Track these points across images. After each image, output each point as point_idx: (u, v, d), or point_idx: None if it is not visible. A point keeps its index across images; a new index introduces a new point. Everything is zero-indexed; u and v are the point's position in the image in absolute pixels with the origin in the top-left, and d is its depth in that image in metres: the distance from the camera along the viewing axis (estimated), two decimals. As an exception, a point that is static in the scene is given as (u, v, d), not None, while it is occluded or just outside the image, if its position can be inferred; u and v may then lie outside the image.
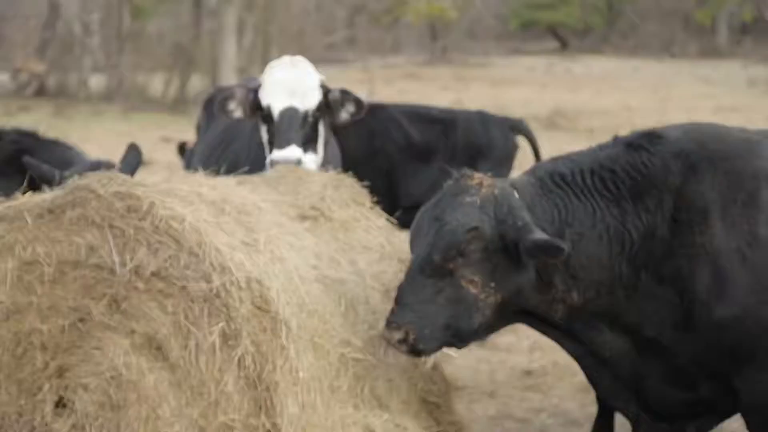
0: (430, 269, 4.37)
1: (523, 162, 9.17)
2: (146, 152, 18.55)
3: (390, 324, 4.38)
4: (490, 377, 7.20)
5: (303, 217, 5.14)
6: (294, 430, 4.17)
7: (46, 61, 28.68)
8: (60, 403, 4.41)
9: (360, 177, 5.96)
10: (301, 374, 4.26)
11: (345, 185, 5.46)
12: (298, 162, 5.73)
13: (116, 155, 6.20)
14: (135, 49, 29.33)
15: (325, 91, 6.15)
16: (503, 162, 8.81)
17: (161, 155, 17.70)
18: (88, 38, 28.33)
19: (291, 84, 6.04)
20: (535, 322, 4.72)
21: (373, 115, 8.79)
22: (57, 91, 28.15)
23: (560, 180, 4.56)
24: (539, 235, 4.29)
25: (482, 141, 8.75)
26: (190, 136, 19.40)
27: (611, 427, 5.88)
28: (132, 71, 28.29)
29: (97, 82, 28.49)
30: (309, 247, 4.91)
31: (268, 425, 4.18)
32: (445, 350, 4.65)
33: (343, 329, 4.68)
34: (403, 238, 5.13)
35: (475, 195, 4.41)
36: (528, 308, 4.53)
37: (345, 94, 6.23)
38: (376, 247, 5.24)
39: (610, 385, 4.76)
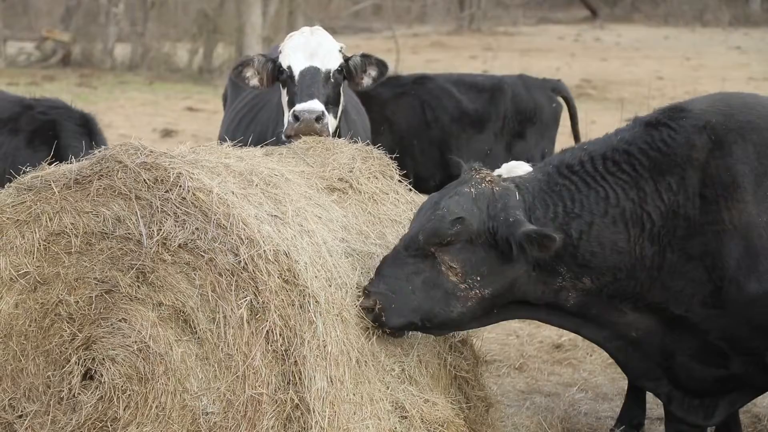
0: (413, 248, 4.43)
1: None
2: (171, 121, 18.58)
3: (364, 290, 4.46)
4: (519, 351, 7.15)
5: (331, 189, 5.08)
6: (322, 405, 4.13)
7: (72, 30, 28.70)
8: (87, 375, 4.41)
9: (414, 148, 5.96)
10: (329, 348, 4.22)
11: (373, 157, 5.39)
12: (322, 115, 5.62)
13: (141, 124, 6.18)
14: (160, 17, 29.34)
15: (346, 57, 6.08)
16: (550, 124, 8.92)
17: (186, 125, 17.71)
18: (114, 7, 28.31)
19: (311, 47, 5.98)
20: (546, 316, 4.66)
21: (422, 85, 8.79)
22: (82, 60, 28.22)
23: (568, 171, 4.52)
24: (529, 226, 4.28)
25: (529, 105, 8.83)
26: (214, 105, 19.46)
27: (643, 403, 5.83)
28: (157, 40, 28.30)
29: (122, 51, 28.53)
30: (337, 219, 4.86)
31: (296, 399, 4.14)
32: None
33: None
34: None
35: (474, 188, 4.45)
36: (531, 300, 4.51)
37: (366, 57, 6.16)
38: (404, 220, 5.18)
39: (640, 366, 4.70)
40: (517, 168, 4.71)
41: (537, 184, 4.51)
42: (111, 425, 4.30)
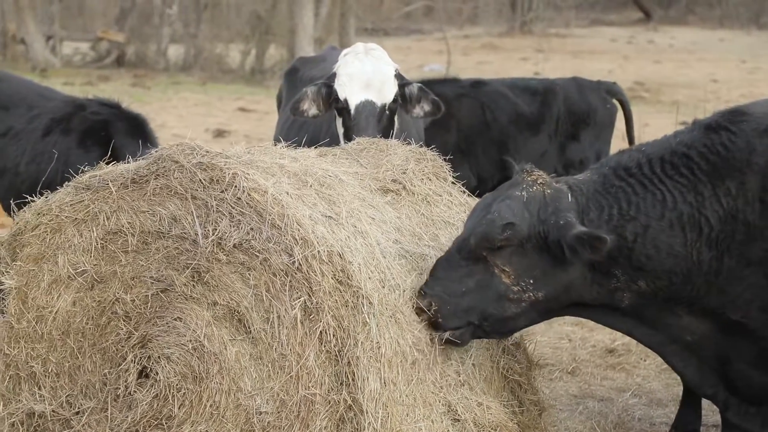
0: (465, 251, 4.42)
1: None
2: (224, 122, 18.71)
3: (419, 291, 4.46)
4: (571, 355, 7.09)
5: (385, 190, 5.08)
6: (375, 406, 4.13)
7: (126, 30, 29.03)
8: (143, 373, 4.44)
9: (477, 147, 5.99)
10: (383, 350, 4.21)
11: (427, 159, 5.38)
12: None
13: (194, 125, 6.22)
14: (213, 19, 29.58)
15: (402, 83, 6.07)
16: (605, 126, 8.92)
17: (238, 125, 17.82)
18: (168, 8, 28.59)
19: (367, 76, 5.98)
20: (599, 316, 4.63)
21: (480, 89, 8.85)
22: (136, 60, 28.54)
23: (624, 173, 4.48)
24: (580, 228, 4.25)
25: (582, 107, 8.84)
26: (266, 106, 19.56)
27: (698, 409, 5.75)
28: (210, 41, 28.54)
29: (175, 52, 28.80)
30: (390, 220, 4.85)
31: (349, 400, 4.14)
32: None
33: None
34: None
35: (525, 191, 4.43)
36: (586, 301, 4.47)
37: (423, 92, 6.16)
38: (457, 223, 5.17)
39: (695, 372, 4.64)
40: None
41: (592, 185, 4.48)
42: (166, 423, 4.33)
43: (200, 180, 4.36)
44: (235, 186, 4.31)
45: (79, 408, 4.50)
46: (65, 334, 4.53)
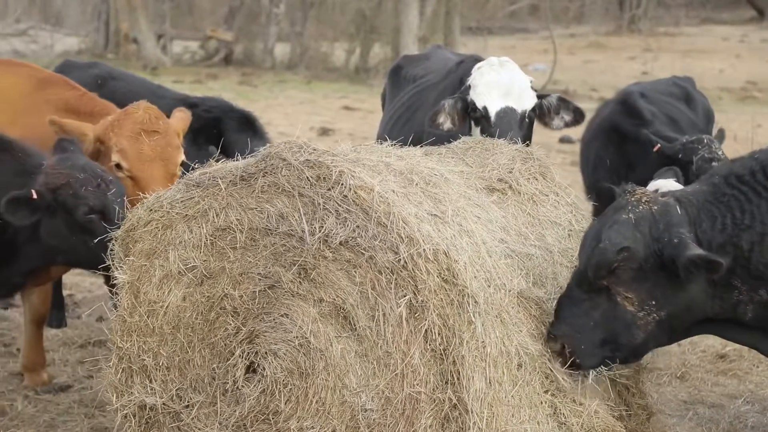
0: (585, 284, 4.35)
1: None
2: (328, 120, 18.87)
3: (548, 335, 4.41)
4: (681, 360, 6.92)
5: (490, 189, 5.05)
6: (480, 406, 4.10)
7: (234, 29, 29.50)
8: (250, 369, 4.50)
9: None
10: (488, 349, 4.18)
11: (533, 158, 5.33)
12: None
13: (299, 123, 6.28)
14: (319, 18, 29.84)
15: (539, 94, 6.01)
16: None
17: (342, 123, 17.94)
18: (275, 8, 28.95)
19: (505, 84, 5.93)
20: (725, 331, 4.53)
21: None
22: (243, 59, 28.97)
23: (737, 181, 4.36)
24: (694, 251, 4.13)
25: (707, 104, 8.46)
26: (370, 105, 19.66)
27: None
28: (315, 40, 28.81)
29: (281, 50, 29.15)
30: (496, 220, 4.82)
31: (454, 399, 4.13)
32: None
33: (529, 304, 4.57)
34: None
35: (632, 212, 4.32)
36: (710, 316, 4.36)
37: (563, 101, 6.07)
38: (564, 223, 5.11)
39: None
40: (665, 187, 4.56)
41: (702, 195, 4.37)
42: (272, 418, 4.38)
43: (307, 178, 4.39)
44: (342, 184, 4.33)
45: (188, 401, 4.58)
46: (175, 328, 4.62)
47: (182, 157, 5.73)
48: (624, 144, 7.41)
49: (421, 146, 5.38)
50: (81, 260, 5.18)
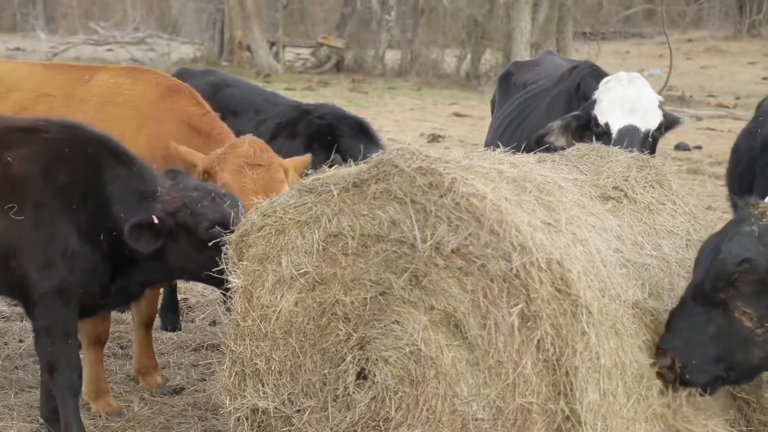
0: (701, 297, 4.20)
1: None
2: (438, 127, 18.87)
3: (657, 348, 4.27)
4: (802, 374, 6.68)
5: (605, 198, 4.96)
6: (594, 418, 4.03)
7: (345, 36, 29.78)
8: (361, 375, 4.51)
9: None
10: (602, 360, 4.10)
11: (650, 166, 5.22)
12: None
13: (409, 129, 6.27)
14: (429, 24, 29.90)
15: (665, 113, 5.89)
16: None
17: (453, 130, 17.91)
18: (386, 14, 29.11)
19: (630, 101, 5.83)
20: None
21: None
22: (354, 66, 29.20)
23: None
24: None
25: None
26: (480, 111, 19.59)
27: None
28: (426, 47, 28.86)
29: (391, 57, 29.29)
30: (611, 228, 4.73)
31: (566, 411, 4.06)
32: None
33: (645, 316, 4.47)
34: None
35: (755, 225, 4.17)
36: None
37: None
38: (681, 232, 4.98)
39: None
40: None
41: None
42: (383, 425, 4.38)
43: (420, 185, 4.37)
44: (454, 191, 4.30)
45: (300, 406, 4.61)
46: (287, 333, 4.66)
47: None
48: None
49: (534, 153, 5.32)
50: (209, 278, 5.07)
